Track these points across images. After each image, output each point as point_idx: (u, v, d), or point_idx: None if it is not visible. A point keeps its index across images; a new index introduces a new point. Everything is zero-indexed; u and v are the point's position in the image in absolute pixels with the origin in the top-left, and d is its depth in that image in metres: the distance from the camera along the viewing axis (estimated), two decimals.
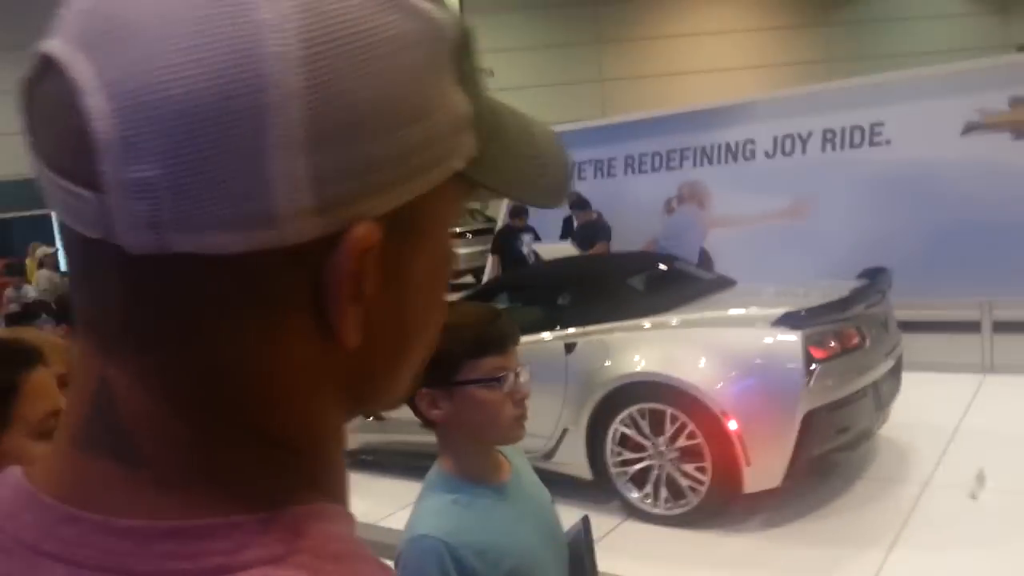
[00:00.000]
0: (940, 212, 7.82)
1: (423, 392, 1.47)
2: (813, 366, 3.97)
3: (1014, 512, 3.86)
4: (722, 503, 4.12)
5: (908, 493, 4.26)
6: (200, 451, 0.38)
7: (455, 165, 0.40)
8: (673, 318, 4.47)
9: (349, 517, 0.41)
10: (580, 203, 8.61)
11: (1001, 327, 6.20)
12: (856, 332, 4.24)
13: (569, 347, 4.59)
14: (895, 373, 4.66)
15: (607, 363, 4.41)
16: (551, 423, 4.61)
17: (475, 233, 15.47)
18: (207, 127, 0.32)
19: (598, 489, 4.51)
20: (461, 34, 0.40)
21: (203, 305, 0.36)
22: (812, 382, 3.96)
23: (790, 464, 3.98)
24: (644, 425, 4.26)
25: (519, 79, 21.91)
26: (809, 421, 3.95)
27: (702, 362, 4.14)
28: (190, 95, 0.32)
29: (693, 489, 4.14)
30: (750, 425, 3.97)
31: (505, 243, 8.54)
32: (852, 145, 8.46)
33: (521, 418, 1.47)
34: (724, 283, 5.20)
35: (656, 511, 4.26)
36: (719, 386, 4.04)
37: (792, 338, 3.99)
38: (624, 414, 4.31)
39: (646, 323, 4.48)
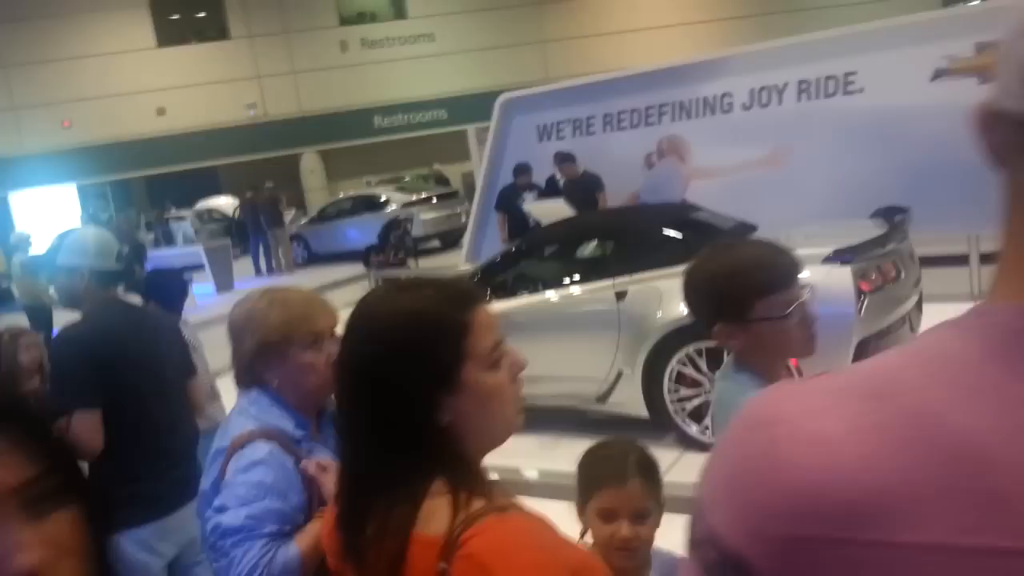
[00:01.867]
0: (914, 155, 8.20)
1: (720, 327, 1.61)
2: (863, 298, 4.24)
3: None
4: None
5: None
6: None
7: None
8: None
9: None
10: (565, 158, 8.76)
11: (986, 258, 6.61)
12: (893, 266, 4.53)
13: (620, 295, 4.77)
14: (919, 303, 4.99)
15: (660, 307, 4.60)
16: (605, 367, 4.81)
17: (440, 198, 15.55)
18: None
19: (653, 426, 4.73)
20: None
21: None
22: (863, 312, 4.23)
23: None
24: (701, 363, 4.48)
25: (461, 43, 21.85)
26: (861, 349, 4.22)
27: None
28: None
29: None
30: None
31: (510, 202, 8.65)
32: (827, 94, 8.79)
33: (812, 337, 1.60)
34: (748, 228, 5.42)
35: (715, 441, 4.50)
36: None
37: (843, 272, 4.24)
38: (681, 353, 4.53)
39: None
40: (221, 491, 1.61)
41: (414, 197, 15.24)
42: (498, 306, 5.31)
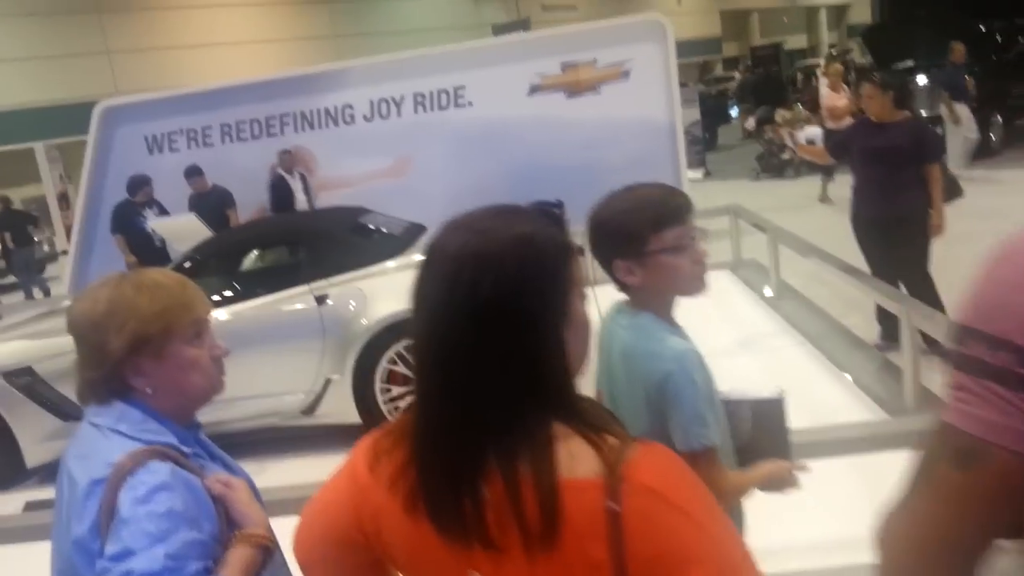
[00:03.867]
0: (516, 160, 9.15)
1: (619, 263, 1.75)
2: None
3: None
4: None
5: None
6: None
7: None
8: (414, 258, 4.83)
9: None
10: (193, 171, 8.26)
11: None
12: None
13: (320, 299, 4.66)
14: None
15: (365, 307, 4.60)
16: (310, 377, 4.66)
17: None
18: None
19: (365, 430, 4.71)
20: None
21: None
22: None
23: None
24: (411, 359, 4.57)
25: (9, 50, 19.03)
26: None
27: None
28: None
29: None
30: None
31: (127, 220, 7.79)
32: (440, 107, 9.40)
33: (702, 274, 1.76)
34: (419, 228, 5.64)
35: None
36: None
37: None
38: (391, 351, 4.58)
39: (397, 264, 4.77)
40: (113, 532, 1.25)
41: None
42: None
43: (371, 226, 5.30)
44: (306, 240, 5.08)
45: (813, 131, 11.84)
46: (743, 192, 11.40)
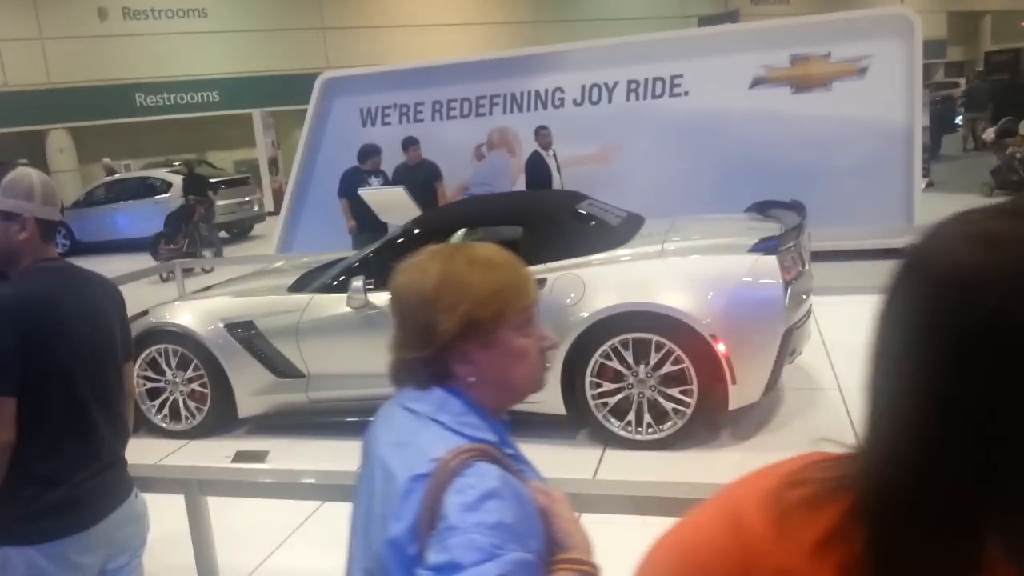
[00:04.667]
0: (731, 155, 8.67)
1: None
2: (787, 287, 4.26)
3: None
4: (707, 422, 4.30)
5: (833, 397, 4.77)
6: None
7: None
8: (642, 249, 4.53)
9: None
10: (411, 142, 8.34)
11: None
12: (800, 259, 4.62)
13: (539, 283, 4.45)
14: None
15: (583, 297, 4.36)
16: None
17: (228, 184, 14.33)
18: None
19: (568, 422, 4.50)
20: None
21: None
22: (788, 301, 4.25)
23: (769, 379, 4.26)
24: (626, 355, 4.29)
25: (235, 22, 20.40)
26: (786, 338, 4.25)
27: (687, 289, 4.24)
28: None
29: (677, 412, 4.26)
30: (736, 345, 4.16)
31: (354, 186, 7.96)
32: (654, 95, 9.05)
33: None
34: (637, 218, 5.33)
35: (639, 437, 4.33)
36: (705, 310, 4.18)
37: (770, 261, 4.24)
38: (605, 346, 4.30)
39: (619, 255, 4.50)
40: (438, 540, 1.08)
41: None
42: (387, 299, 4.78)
43: (590, 213, 5.04)
44: (526, 221, 4.88)
45: None
46: None
